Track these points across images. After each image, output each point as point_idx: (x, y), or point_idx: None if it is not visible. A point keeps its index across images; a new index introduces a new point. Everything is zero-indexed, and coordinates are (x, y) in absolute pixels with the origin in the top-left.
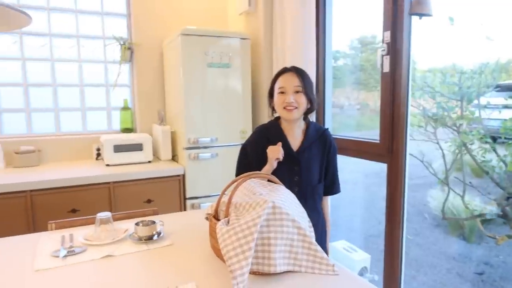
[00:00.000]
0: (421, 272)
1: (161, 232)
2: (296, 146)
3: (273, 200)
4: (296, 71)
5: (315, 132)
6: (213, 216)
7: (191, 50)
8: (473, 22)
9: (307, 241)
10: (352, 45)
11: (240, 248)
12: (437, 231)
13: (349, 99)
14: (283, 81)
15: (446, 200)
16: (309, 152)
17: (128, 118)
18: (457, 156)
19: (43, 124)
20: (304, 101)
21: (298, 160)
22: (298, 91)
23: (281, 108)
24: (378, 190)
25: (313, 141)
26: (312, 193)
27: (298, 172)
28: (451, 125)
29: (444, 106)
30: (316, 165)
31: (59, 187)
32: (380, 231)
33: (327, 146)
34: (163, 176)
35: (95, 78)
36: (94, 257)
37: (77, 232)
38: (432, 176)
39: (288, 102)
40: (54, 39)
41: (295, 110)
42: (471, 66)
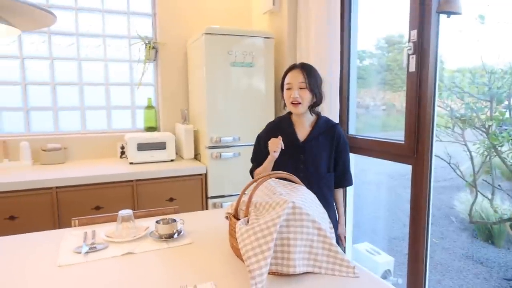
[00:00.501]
0: (447, 276)
1: (181, 231)
2: (303, 136)
3: (293, 200)
4: (302, 68)
5: (324, 125)
6: (233, 215)
7: (214, 49)
8: (505, 20)
9: (328, 242)
10: (378, 45)
11: (259, 248)
12: (464, 235)
13: (375, 100)
14: (290, 78)
15: (474, 203)
16: (316, 142)
17: (152, 117)
18: (485, 159)
19: (70, 122)
20: (308, 96)
21: (304, 149)
22: (302, 87)
23: (288, 103)
24: (404, 192)
25: (321, 132)
26: (318, 182)
27: (303, 160)
28: (480, 127)
29: (472, 107)
30: (324, 155)
31: (84, 184)
32: (405, 233)
33: (336, 138)
34: (185, 175)
35: (120, 77)
36: (115, 254)
37: (100, 229)
38: (459, 178)
39: (294, 97)
40: (81, 39)
41: (300, 105)
42: (501, 66)
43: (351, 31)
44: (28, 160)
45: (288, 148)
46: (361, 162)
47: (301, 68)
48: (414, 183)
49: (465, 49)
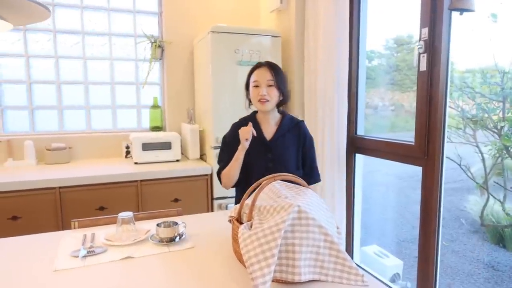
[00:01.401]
0: (457, 280)
1: (183, 234)
2: (270, 135)
3: (299, 204)
4: (269, 66)
5: (289, 122)
6: (236, 219)
7: (220, 47)
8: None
9: (335, 248)
10: (387, 45)
11: (263, 255)
12: (475, 238)
13: (383, 100)
14: (257, 75)
15: (485, 206)
16: (282, 140)
17: (158, 117)
18: (497, 160)
19: (75, 122)
20: (276, 94)
21: (271, 147)
22: (270, 85)
23: (256, 101)
24: (412, 194)
25: (287, 130)
26: None
27: (271, 159)
28: (492, 128)
29: (484, 107)
30: (291, 153)
31: (88, 184)
32: (414, 236)
33: (302, 136)
34: (190, 175)
35: (126, 76)
36: (113, 258)
37: (100, 231)
38: (469, 180)
39: (262, 94)
40: (87, 37)
41: (268, 103)
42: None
43: (360, 30)
44: (32, 160)
45: (256, 147)
46: (370, 163)
47: (268, 66)
48: (425, 185)
49: (477, 49)
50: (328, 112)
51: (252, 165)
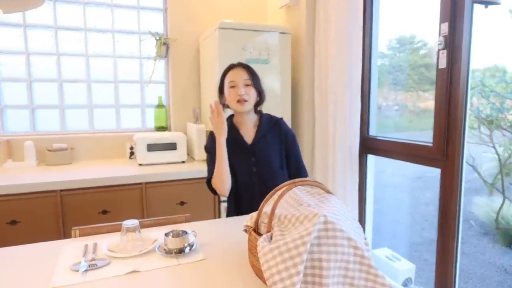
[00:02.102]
0: (470, 284)
1: (193, 244)
2: (250, 138)
3: (325, 214)
4: (244, 66)
5: (268, 122)
6: (253, 229)
7: (228, 44)
8: None
9: (366, 263)
10: (390, 45)
11: (286, 272)
12: (485, 240)
13: (387, 100)
14: (233, 75)
15: (501, 208)
16: (264, 141)
17: (163, 116)
18: (507, 161)
19: (77, 121)
20: (254, 94)
21: (254, 151)
22: (248, 84)
23: (234, 102)
24: (421, 195)
25: (267, 130)
26: (273, 180)
27: (255, 163)
28: (508, 127)
29: (499, 106)
30: (274, 153)
31: (90, 187)
32: (423, 238)
33: (283, 134)
34: (196, 177)
35: (130, 74)
36: (117, 273)
37: (102, 240)
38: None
39: (240, 94)
40: (89, 34)
41: (246, 103)
42: None
43: (373, 27)
44: (32, 161)
45: (238, 153)
46: (377, 164)
47: (243, 66)
48: (444, 188)
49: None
50: (340, 110)
51: (237, 172)
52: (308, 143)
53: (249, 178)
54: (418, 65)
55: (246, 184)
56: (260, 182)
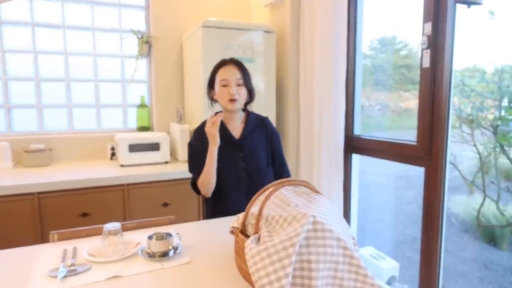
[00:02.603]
0: (452, 281)
1: (178, 247)
2: (238, 134)
3: (314, 214)
4: (237, 64)
5: (255, 120)
6: (240, 230)
7: (212, 43)
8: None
9: (355, 264)
10: (372, 46)
11: (275, 275)
12: (466, 237)
13: (369, 100)
14: (225, 73)
15: (482, 206)
16: (251, 138)
17: (145, 116)
18: (486, 159)
19: (55, 122)
20: (245, 93)
21: (242, 146)
22: (239, 84)
23: (225, 101)
24: (403, 193)
25: (254, 127)
26: (260, 178)
27: (243, 158)
28: (488, 126)
29: (479, 106)
30: (261, 150)
31: (69, 189)
32: (407, 236)
33: (269, 132)
34: (180, 178)
35: (111, 73)
36: (98, 279)
37: (82, 244)
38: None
39: (232, 94)
40: (68, 32)
41: (237, 102)
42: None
43: (357, 26)
44: (8, 163)
45: (225, 148)
46: (360, 163)
47: (236, 64)
48: (428, 186)
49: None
50: (325, 109)
51: (223, 168)
52: (293, 142)
53: (236, 173)
54: (399, 65)
55: (232, 180)
56: (247, 179)
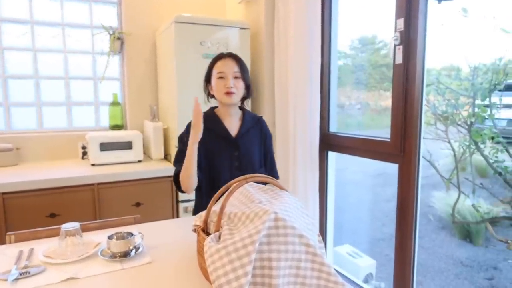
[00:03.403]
0: (428, 277)
1: (139, 247)
2: (234, 132)
3: (276, 211)
4: (234, 57)
5: (251, 118)
6: (202, 229)
7: (185, 39)
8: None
9: (318, 261)
10: (352, 45)
11: (233, 274)
12: (443, 234)
13: (350, 99)
14: (222, 66)
15: (457, 203)
16: (247, 137)
17: (118, 114)
18: (462, 156)
19: (24, 120)
20: (242, 87)
21: (238, 145)
22: (237, 77)
23: (221, 93)
24: (381, 191)
25: (250, 126)
26: None
27: (238, 157)
28: (462, 123)
29: (454, 103)
30: (256, 150)
31: (36, 189)
32: (384, 233)
33: (263, 133)
34: (153, 177)
35: (82, 70)
36: (52, 281)
37: (40, 246)
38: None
39: (229, 86)
40: (37, 27)
41: (234, 95)
42: (484, 61)
43: (332, 24)
44: None
45: (220, 145)
46: (338, 161)
47: (233, 58)
48: (401, 183)
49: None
50: (300, 106)
51: (217, 165)
52: None
53: (230, 173)
54: (379, 64)
55: (225, 179)
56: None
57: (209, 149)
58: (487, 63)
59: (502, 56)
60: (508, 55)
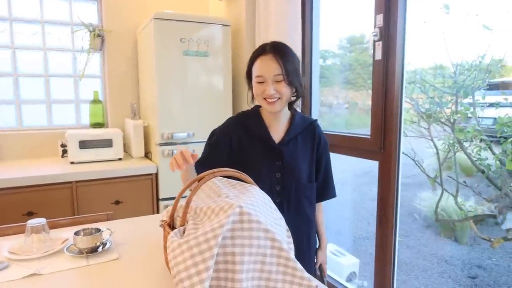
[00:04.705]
0: (412, 276)
1: (107, 243)
2: (279, 137)
3: (241, 205)
4: (276, 53)
5: (301, 122)
6: (168, 224)
7: (165, 36)
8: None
9: (284, 256)
10: (341, 45)
11: (195, 268)
12: (428, 232)
13: (338, 98)
14: (261, 68)
15: (439, 201)
16: (294, 144)
17: (99, 112)
18: (447, 154)
19: (3, 118)
20: (287, 91)
21: (281, 152)
22: (279, 81)
23: (261, 99)
24: (368, 190)
25: (299, 132)
26: (297, 194)
27: (280, 168)
28: (445, 121)
29: (437, 101)
30: (304, 161)
31: (12, 187)
32: (369, 232)
33: (316, 139)
34: (133, 174)
35: (62, 68)
36: (14, 277)
37: (6, 242)
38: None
39: (268, 94)
40: (15, 24)
41: (278, 102)
42: (467, 58)
43: (313, 22)
44: None
45: (261, 153)
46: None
47: (274, 54)
48: (381, 180)
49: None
50: None
51: (256, 176)
52: None
53: (270, 186)
54: (367, 64)
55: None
56: (282, 193)
57: (247, 156)
58: (469, 61)
59: (485, 53)
60: (491, 52)
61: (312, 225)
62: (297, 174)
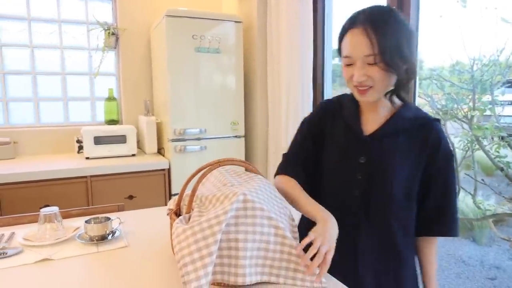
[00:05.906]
0: None
1: (116, 231)
2: (372, 129)
3: (244, 192)
4: (369, 26)
5: (408, 119)
6: (174, 212)
7: (177, 33)
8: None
9: (287, 244)
10: None
11: (198, 253)
12: None
13: None
14: (349, 47)
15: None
16: (390, 141)
17: (114, 109)
18: (466, 153)
19: (21, 115)
20: (383, 77)
21: (367, 147)
22: (371, 63)
23: (351, 85)
24: None
25: (402, 129)
26: (383, 210)
27: (363, 168)
28: (462, 118)
29: (454, 97)
30: (402, 168)
31: (30, 180)
32: None
33: (429, 146)
34: (146, 170)
35: (78, 66)
36: (27, 261)
37: (22, 230)
38: None
39: (358, 81)
40: (34, 24)
41: (371, 90)
42: (484, 53)
43: (326, 19)
44: None
45: (344, 144)
46: None
47: (366, 28)
48: None
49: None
50: (292, 99)
51: (333, 172)
52: (262, 132)
53: (347, 187)
54: None
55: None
56: (360, 201)
57: (329, 142)
58: (488, 56)
59: (503, 48)
60: (510, 47)
61: (406, 265)
62: (387, 180)
